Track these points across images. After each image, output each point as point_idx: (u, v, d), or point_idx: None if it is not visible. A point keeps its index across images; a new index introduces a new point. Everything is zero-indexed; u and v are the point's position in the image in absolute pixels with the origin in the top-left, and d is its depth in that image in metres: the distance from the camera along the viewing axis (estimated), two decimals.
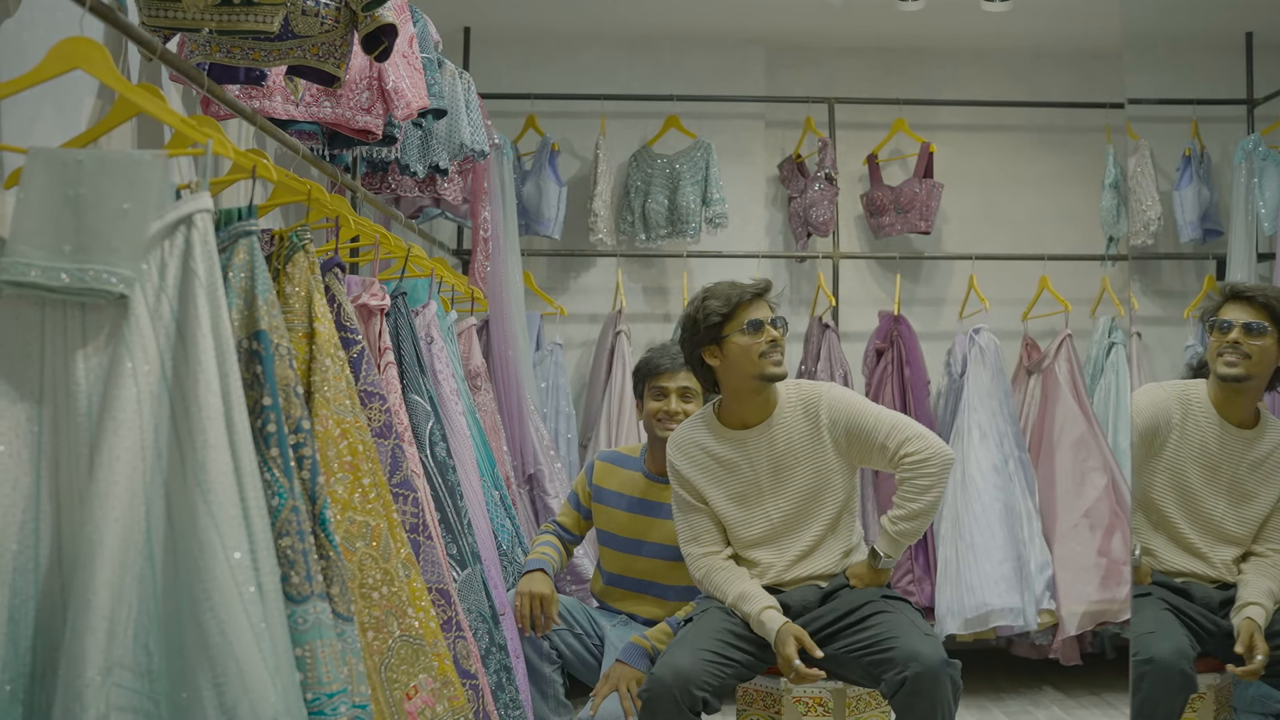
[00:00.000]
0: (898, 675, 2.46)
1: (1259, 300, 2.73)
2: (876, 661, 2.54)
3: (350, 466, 2.05)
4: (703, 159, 4.81)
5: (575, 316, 5.05)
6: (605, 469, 3.28)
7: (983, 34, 5.00)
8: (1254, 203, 3.95)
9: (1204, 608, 2.73)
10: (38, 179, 1.64)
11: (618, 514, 3.21)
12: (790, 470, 2.81)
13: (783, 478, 2.81)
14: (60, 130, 2.14)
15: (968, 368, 4.49)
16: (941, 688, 2.44)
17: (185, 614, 1.57)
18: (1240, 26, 4.28)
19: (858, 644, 2.61)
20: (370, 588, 2.05)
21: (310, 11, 2.18)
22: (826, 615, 2.72)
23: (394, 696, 2.05)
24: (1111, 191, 4.78)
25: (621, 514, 3.20)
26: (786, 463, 2.81)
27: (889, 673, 2.48)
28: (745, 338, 2.74)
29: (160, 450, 1.62)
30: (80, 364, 1.63)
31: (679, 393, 3.17)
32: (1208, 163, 4.60)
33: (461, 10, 4.75)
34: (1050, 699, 4.32)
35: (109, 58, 1.86)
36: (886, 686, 2.50)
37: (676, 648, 2.60)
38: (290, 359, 1.86)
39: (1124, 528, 4.19)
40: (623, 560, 3.21)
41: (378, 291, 2.56)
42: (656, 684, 2.48)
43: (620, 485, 3.23)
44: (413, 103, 2.87)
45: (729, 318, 2.76)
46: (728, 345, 2.76)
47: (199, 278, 1.67)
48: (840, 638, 2.67)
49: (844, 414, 2.82)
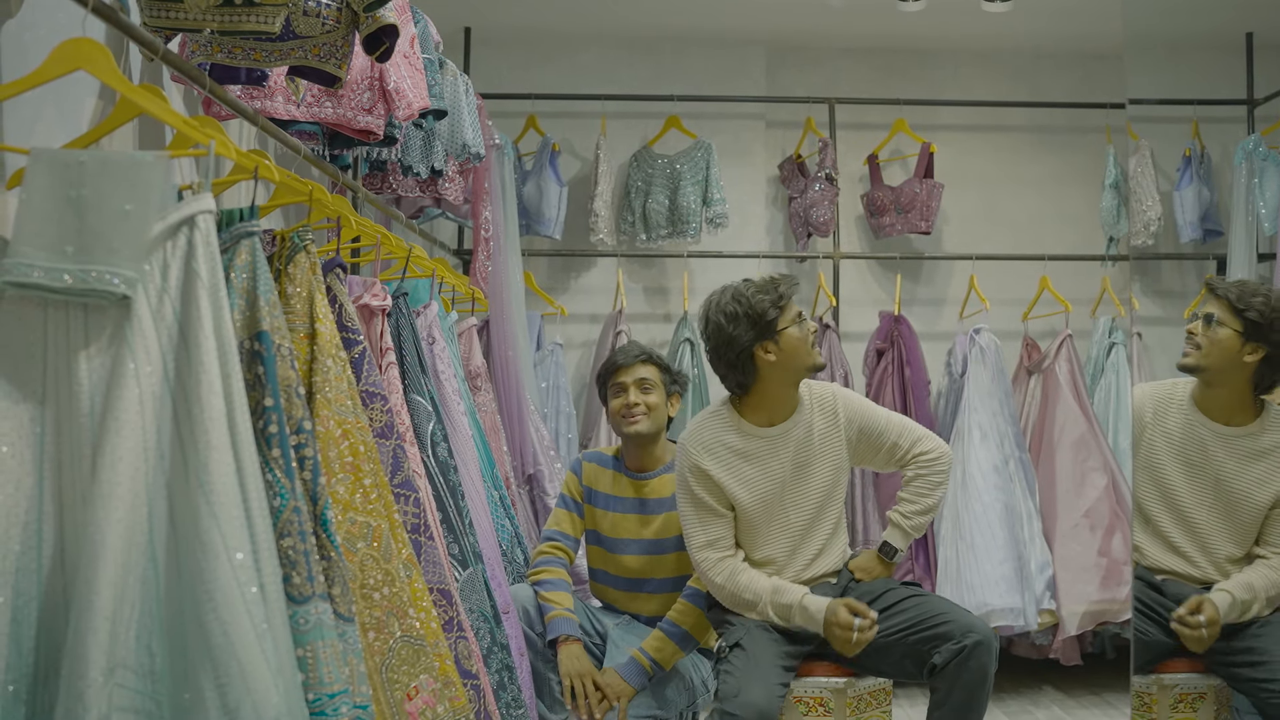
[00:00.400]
0: (956, 645, 2.55)
1: (1218, 292, 2.76)
2: (928, 637, 2.61)
3: (352, 467, 2.05)
4: (703, 159, 4.81)
5: (576, 316, 5.05)
6: (593, 470, 3.29)
7: (983, 34, 5.00)
8: (1254, 203, 3.95)
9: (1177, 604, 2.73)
10: (40, 180, 1.64)
11: (606, 514, 3.23)
12: (810, 466, 2.85)
13: (804, 474, 2.84)
14: (62, 131, 2.14)
15: (968, 368, 4.49)
16: (993, 658, 2.58)
17: (188, 614, 1.57)
18: (1240, 27, 4.28)
19: (899, 625, 2.67)
20: (371, 588, 2.05)
21: (311, 12, 2.18)
22: None
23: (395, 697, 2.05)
24: (1112, 192, 4.78)
25: (610, 514, 3.23)
26: (808, 458, 2.84)
27: (945, 644, 2.57)
28: (797, 329, 2.78)
29: (163, 451, 1.62)
30: (83, 365, 1.63)
31: (636, 384, 3.20)
32: (1208, 163, 4.60)
33: (462, 11, 4.76)
34: (1050, 699, 4.32)
35: (111, 58, 1.86)
36: (941, 656, 2.57)
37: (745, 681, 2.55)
38: (292, 360, 1.86)
39: (1124, 528, 4.19)
40: (611, 559, 3.23)
41: (379, 292, 2.56)
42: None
43: (607, 486, 3.25)
44: (414, 103, 2.87)
45: (783, 311, 2.77)
46: (783, 338, 2.76)
47: (201, 279, 1.67)
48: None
49: (858, 414, 2.90)
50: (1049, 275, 4.76)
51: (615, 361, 3.25)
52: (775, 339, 2.76)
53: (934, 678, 2.61)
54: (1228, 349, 2.73)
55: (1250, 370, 2.75)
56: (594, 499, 3.26)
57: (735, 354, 2.77)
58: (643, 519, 3.19)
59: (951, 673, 2.56)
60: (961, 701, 2.58)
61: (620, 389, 3.21)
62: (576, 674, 2.93)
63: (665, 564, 3.16)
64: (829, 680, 2.78)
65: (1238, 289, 2.75)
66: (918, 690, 4.15)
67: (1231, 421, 2.80)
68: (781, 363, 2.78)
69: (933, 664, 2.59)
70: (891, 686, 2.88)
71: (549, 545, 3.22)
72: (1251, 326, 2.70)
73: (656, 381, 3.21)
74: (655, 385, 3.21)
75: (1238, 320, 2.72)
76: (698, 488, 2.82)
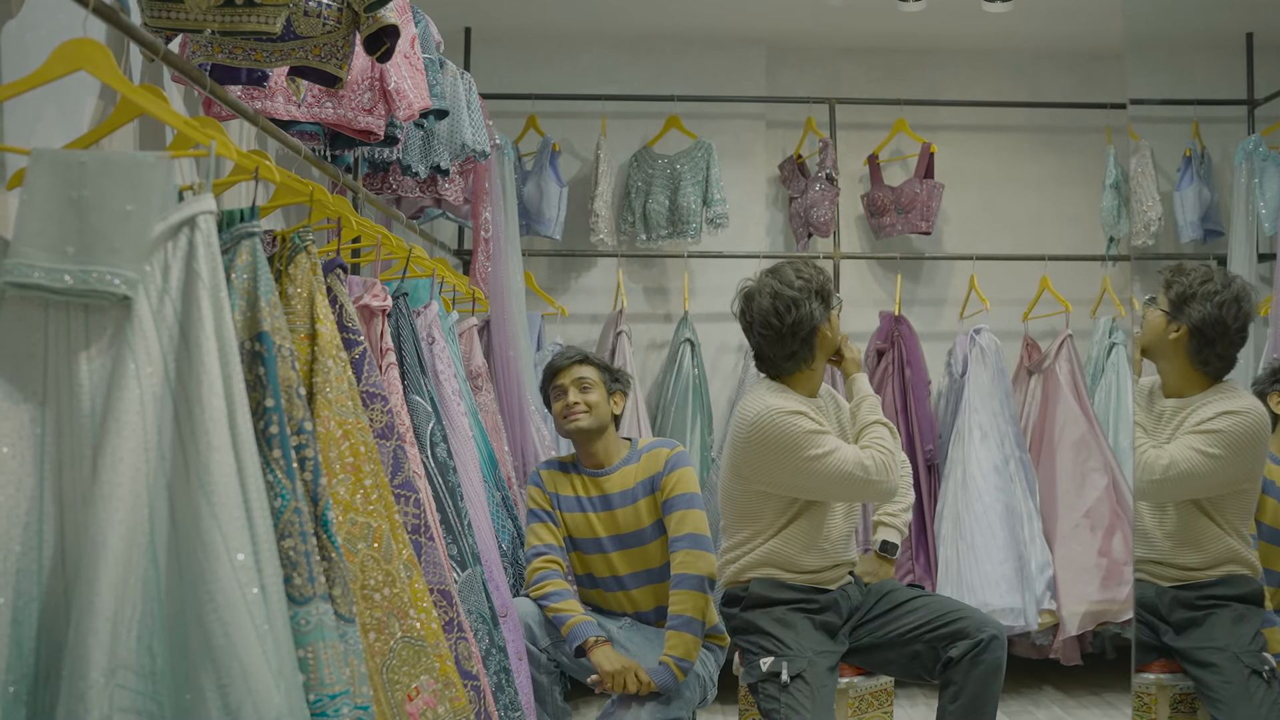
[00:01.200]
0: (972, 641, 2.62)
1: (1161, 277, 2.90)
2: (944, 634, 2.68)
3: (352, 468, 2.05)
4: (703, 159, 4.81)
5: (576, 317, 5.05)
6: (552, 476, 3.32)
7: (984, 34, 5.00)
8: (1254, 203, 3.95)
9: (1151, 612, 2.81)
10: (41, 180, 1.64)
11: (574, 517, 3.25)
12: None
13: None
14: (63, 131, 2.14)
15: (968, 368, 4.49)
16: (1005, 653, 2.66)
17: (189, 615, 1.57)
18: (1241, 27, 4.28)
19: (913, 624, 2.73)
20: (372, 589, 2.05)
21: (312, 12, 2.18)
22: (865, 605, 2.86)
23: (396, 698, 2.05)
24: (1112, 192, 4.78)
25: (578, 516, 3.24)
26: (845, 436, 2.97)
27: (961, 640, 2.64)
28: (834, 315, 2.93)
29: (163, 452, 1.62)
30: (83, 366, 1.63)
31: (575, 384, 3.27)
32: (1208, 163, 4.60)
33: (463, 11, 4.75)
34: (1050, 699, 4.32)
35: (111, 59, 1.86)
36: (957, 651, 2.63)
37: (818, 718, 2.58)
38: (293, 360, 1.86)
39: (1124, 528, 4.19)
40: (591, 561, 3.25)
41: (379, 292, 2.56)
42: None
43: (570, 489, 3.27)
44: (414, 103, 2.87)
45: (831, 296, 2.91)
46: (832, 318, 2.91)
47: (202, 279, 1.67)
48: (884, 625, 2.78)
49: None
50: (1049, 275, 4.76)
51: (554, 365, 3.33)
52: (828, 316, 2.89)
53: (947, 672, 2.64)
54: (1156, 328, 2.87)
55: (1182, 348, 2.84)
56: (561, 504, 3.27)
57: (810, 329, 2.82)
58: (611, 516, 3.21)
59: (966, 667, 2.62)
60: (975, 695, 2.62)
61: (560, 391, 3.28)
62: (622, 669, 2.92)
63: (648, 554, 3.18)
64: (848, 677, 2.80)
65: (1171, 272, 2.87)
66: (918, 690, 4.15)
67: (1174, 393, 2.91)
68: (827, 342, 2.91)
69: (948, 658, 2.63)
70: (893, 686, 2.89)
71: (540, 561, 3.17)
72: (1173, 306, 2.83)
73: (596, 380, 3.28)
74: (595, 384, 3.28)
75: (1165, 300, 2.85)
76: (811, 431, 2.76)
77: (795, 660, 2.66)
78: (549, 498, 3.27)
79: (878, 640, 2.76)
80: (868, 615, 2.82)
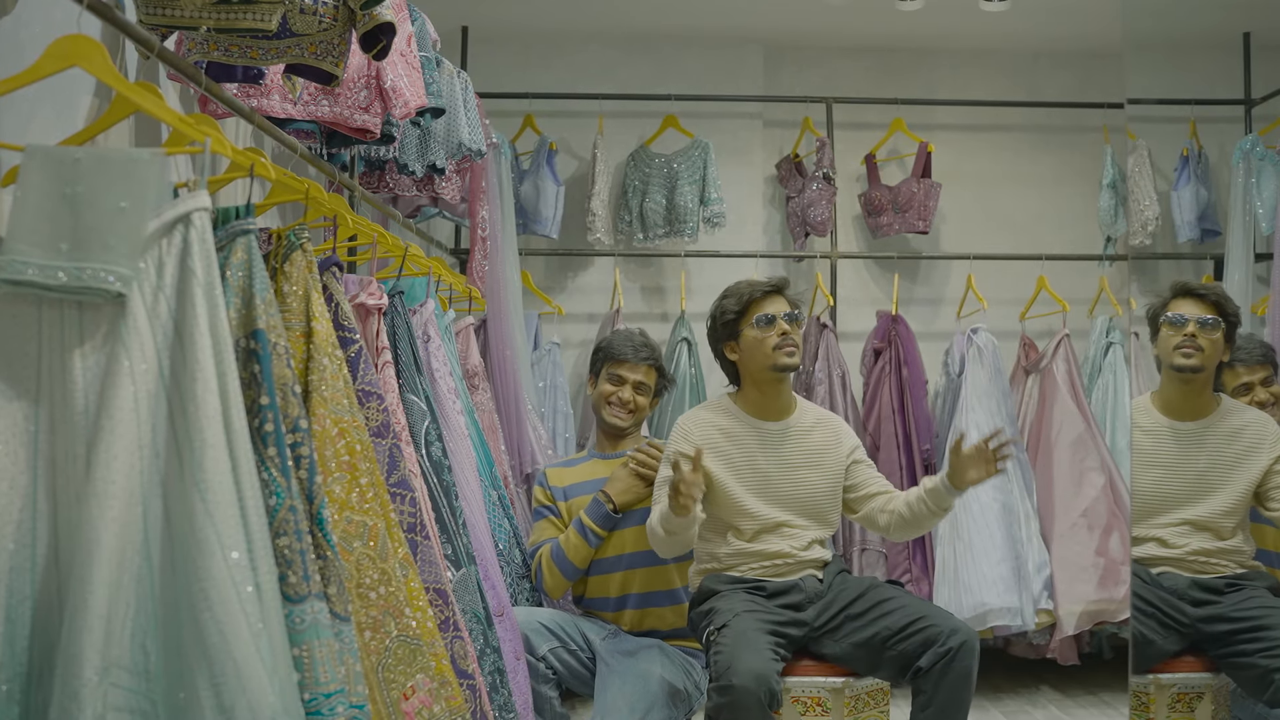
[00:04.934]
0: (941, 648, 2.59)
1: (1210, 298, 2.95)
2: (914, 642, 2.64)
3: (348, 466, 2.05)
4: (700, 158, 4.81)
5: (573, 316, 5.04)
6: (558, 472, 3.36)
7: (981, 34, 5.00)
8: (1251, 203, 3.95)
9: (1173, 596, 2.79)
10: (35, 177, 1.63)
11: (587, 499, 3.26)
12: (799, 472, 2.96)
13: (794, 478, 2.95)
14: (57, 128, 2.14)
15: (966, 367, 4.49)
16: (975, 658, 2.63)
17: (183, 613, 1.56)
18: (1238, 27, 4.29)
19: (884, 630, 2.71)
20: (367, 587, 2.05)
21: (308, 10, 2.17)
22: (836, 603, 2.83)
23: (391, 696, 2.04)
24: (1109, 191, 4.78)
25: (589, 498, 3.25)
26: (799, 464, 2.96)
27: (932, 646, 2.60)
28: (757, 331, 2.94)
29: (158, 449, 1.62)
30: (77, 363, 1.63)
31: (635, 385, 3.31)
32: (1206, 163, 4.60)
33: (460, 9, 4.75)
34: (1048, 698, 4.32)
35: (106, 55, 1.85)
36: (929, 658, 2.60)
37: (737, 652, 2.58)
38: (288, 358, 1.85)
39: (1122, 527, 4.19)
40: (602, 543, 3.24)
41: (375, 291, 2.55)
42: (741, 691, 2.49)
43: (580, 476, 3.30)
44: (411, 101, 2.86)
45: (742, 314, 2.97)
46: (742, 339, 2.97)
47: (197, 276, 1.67)
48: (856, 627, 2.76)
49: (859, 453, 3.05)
50: (1046, 275, 4.76)
51: (622, 353, 3.33)
52: (737, 339, 2.98)
53: (917, 680, 2.63)
54: (1220, 349, 2.95)
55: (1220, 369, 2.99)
56: (569, 493, 3.30)
57: (715, 353, 3.06)
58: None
59: (937, 675, 2.60)
60: (947, 701, 2.61)
61: (618, 380, 3.31)
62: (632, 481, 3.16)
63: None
64: (827, 680, 2.78)
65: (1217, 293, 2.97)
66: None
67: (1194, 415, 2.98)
68: (744, 361, 2.99)
69: (918, 667, 2.61)
70: (889, 686, 2.88)
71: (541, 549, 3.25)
72: (1230, 329, 2.93)
73: (652, 387, 3.34)
74: (649, 390, 3.34)
75: (1225, 322, 2.93)
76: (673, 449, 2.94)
77: (718, 617, 2.75)
78: (551, 493, 3.31)
79: (845, 648, 2.75)
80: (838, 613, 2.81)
